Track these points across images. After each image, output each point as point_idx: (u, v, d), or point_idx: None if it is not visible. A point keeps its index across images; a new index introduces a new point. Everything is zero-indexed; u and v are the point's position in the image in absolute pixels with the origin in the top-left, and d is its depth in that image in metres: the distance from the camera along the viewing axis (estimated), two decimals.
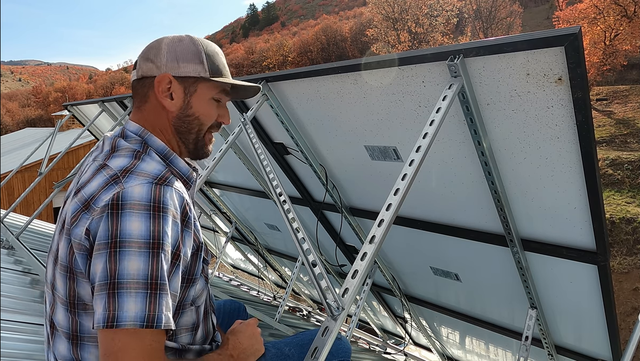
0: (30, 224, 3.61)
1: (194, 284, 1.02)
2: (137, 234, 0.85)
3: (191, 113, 1.08)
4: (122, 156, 0.97)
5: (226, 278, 6.59)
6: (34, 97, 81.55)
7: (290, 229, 1.44)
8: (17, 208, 5.07)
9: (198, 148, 1.12)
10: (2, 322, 1.97)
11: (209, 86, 1.08)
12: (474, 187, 2.12)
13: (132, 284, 0.83)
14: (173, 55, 1.06)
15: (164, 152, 1.05)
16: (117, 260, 0.83)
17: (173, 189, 0.93)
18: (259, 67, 58.18)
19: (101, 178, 0.93)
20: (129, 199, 0.87)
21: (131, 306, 0.82)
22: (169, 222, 0.89)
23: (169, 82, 1.05)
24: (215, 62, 1.09)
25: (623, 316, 9.65)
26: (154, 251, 0.85)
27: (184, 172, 1.08)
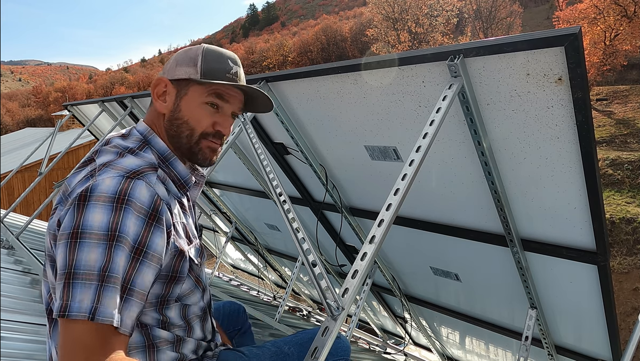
0: (30, 224, 3.61)
1: (179, 283, 1.02)
2: (97, 226, 0.85)
3: (180, 116, 1.06)
4: (108, 153, 0.99)
5: (226, 278, 6.59)
6: (34, 97, 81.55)
7: (290, 229, 1.44)
8: (17, 208, 5.08)
9: (193, 154, 1.09)
10: (2, 322, 1.97)
11: (200, 89, 1.06)
12: (474, 187, 2.12)
13: (86, 275, 0.83)
14: (175, 60, 1.09)
15: (164, 153, 1.06)
16: (76, 250, 0.84)
17: (144, 183, 0.92)
18: (259, 67, 58.19)
19: (83, 172, 0.95)
20: (96, 191, 0.87)
21: (82, 296, 0.81)
22: (130, 215, 0.87)
23: (164, 86, 1.07)
24: (215, 66, 1.06)
25: (623, 316, 9.65)
26: (110, 243, 0.85)
27: (182, 176, 1.08)
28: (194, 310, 1.09)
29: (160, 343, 1.01)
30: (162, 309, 1.01)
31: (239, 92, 1.12)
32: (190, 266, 1.04)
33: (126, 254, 0.86)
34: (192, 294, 1.08)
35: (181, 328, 1.06)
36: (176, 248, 0.98)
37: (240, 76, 1.12)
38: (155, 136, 1.07)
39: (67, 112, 5.39)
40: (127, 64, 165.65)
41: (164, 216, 0.94)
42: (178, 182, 1.08)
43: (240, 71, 1.12)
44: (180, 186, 1.08)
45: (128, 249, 0.87)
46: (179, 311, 1.05)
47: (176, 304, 1.04)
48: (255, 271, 5.88)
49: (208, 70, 1.05)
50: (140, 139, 1.05)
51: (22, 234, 3.47)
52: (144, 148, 1.03)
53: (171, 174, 1.06)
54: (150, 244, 0.90)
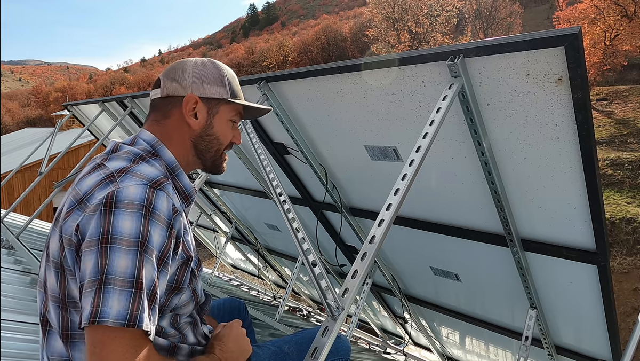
0: (30, 224, 3.61)
1: (180, 294, 1.03)
2: (127, 233, 0.86)
3: (212, 133, 1.14)
4: (120, 159, 1.00)
5: (226, 278, 6.59)
6: (34, 97, 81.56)
7: (290, 229, 1.44)
8: (17, 207, 5.07)
9: (215, 165, 1.19)
10: (2, 322, 1.97)
11: (229, 108, 1.15)
12: (474, 187, 2.12)
13: (118, 282, 0.83)
14: (198, 77, 1.13)
15: (172, 165, 1.09)
16: (107, 256, 0.84)
17: (165, 195, 0.95)
18: (259, 67, 58.18)
19: (97, 177, 0.95)
20: (123, 198, 0.88)
21: (115, 303, 0.82)
22: (157, 226, 0.90)
23: (195, 103, 1.11)
24: (234, 86, 1.16)
25: (623, 316, 9.65)
26: (140, 250, 0.86)
27: (186, 188, 1.11)
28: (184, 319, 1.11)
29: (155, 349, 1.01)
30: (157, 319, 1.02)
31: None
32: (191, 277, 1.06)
33: (153, 264, 0.88)
34: (187, 306, 1.09)
35: (174, 336, 1.07)
36: (183, 259, 1.00)
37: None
38: (164, 147, 1.09)
39: (67, 112, 5.39)
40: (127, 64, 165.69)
41: (177, 227, 0.96)
42: (182, 194, 1.10)
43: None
44: (184, 198, 1.10)
45: (155, 260, 0.89)
46: (170, 321, 1.06)
47: (169, 314, 1.05)
48: (255, 271, 5.88)
49: (232, 90, 1.15)
50: (147, 149, 1.06)
51: (22, 234, 3.48)
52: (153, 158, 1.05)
53: (177, 186, 1.08)
54: (169, 254, 0.93)
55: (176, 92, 1.10)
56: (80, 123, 5.61)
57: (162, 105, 1.12)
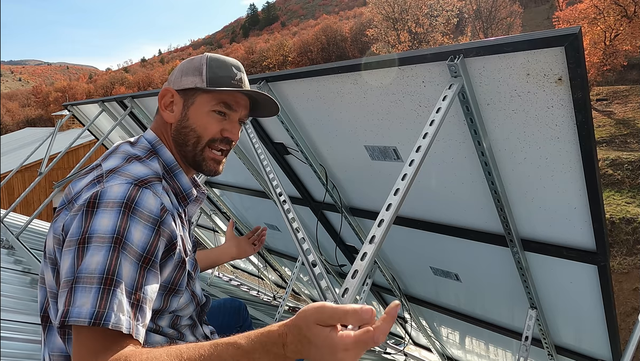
0: (30, 224, 3.61)
1: (178, 296, 1.02)
2: (103, 230, 0.83)
3: (188, 125, 1.08)
4: (115, 158, 0.99)
5: (226, 278, 6.59)
6: (34, 97, 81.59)
7: (290, 229, 1.44)
8: (17, 207, 5.07)
9: (197, 162, 1.10)
10: (2, 322, 1.97)
11: (207, 97, 1.08)
12: (474, 187, 2.12)
13: (88, 279, 0.80)
14: (180, 71, 1.10)
15: (170, 164, 1.07)
16: (84, 256, 0.82)
17: (151, 193, 0.92)
18: (259, 67, 58.19)
19: (90, 177, 0.95)
20: (105, 197, 0.87)
21: (84, 301, 0.78)
22: (138, 223, 0.87)
23: (171, 96, 1.09)
24: (220, 73, 1.08)
25: (623, 316, 9.65)
26: (115, 246, 0.83)
27: (184, 188, 1.09)
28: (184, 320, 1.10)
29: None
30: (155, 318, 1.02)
31: (245, 98, 1.13)
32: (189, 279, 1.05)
33: (133, 262, 0.84)
34: (187, 308, 1.08)
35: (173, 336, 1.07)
36: (179, 259, 0.98)
37: (245, 82, 1.13)
38: (163, 147, 1.08)
39: (67, 112, 5.39)
40: (127, 64, 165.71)
41: (168, 228, 0.94)
42: (180, 194, 1.08)
43: (244, 77, 1.13)
44: (181, 199, 1.08)
45: (135, 258, 0.85)
46: (170, 321, 1.05)
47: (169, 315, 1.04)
48: (255, 271, 5.88)
49: (213, 78, 1.07)
50: (148, 148, 1.06)
51: (22, 234, 3.47)
52: (151, 157, 1.04)
53: (174, 186, 1.07)
54: (157, 254, 0.90)
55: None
56: (80, 123, 5.60)
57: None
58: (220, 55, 1.13)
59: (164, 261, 0.94)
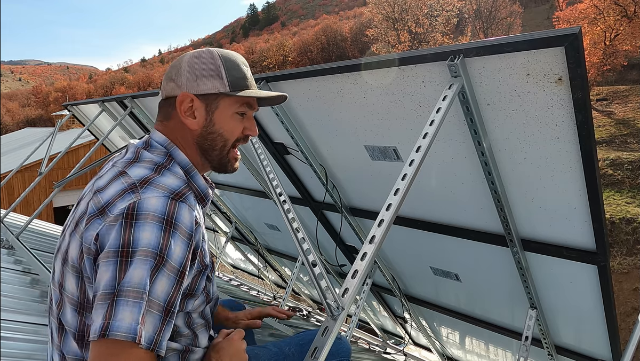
0: (30, 224, 3.60)
1: (193, 299, 1.03)
2: (146, 243, 0.84)
3: (214, 130, 1.07)
4: (142, 167, 0.97)
5: (226, 278, 6.58)
6: (34, 97, 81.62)
7: (290, 229, 1.44)
8: (17, 207, 5.07)
9: (223, 164, 1.12)
10: (2, 322, 1.97)
11: (231, 100, 1.06)
12: (474, 187, 2.12)
13: (131, 293, 0.81)
14: (192, 73, 1.05)
15: (186, 167, 1.05)
16: (127, 269, 0.83)
17: (187, 207, 0.93)
18: (259, 67, 58.19)
19: (119, 185, 0.93)
20: (144, 210, 0.87)
21: (126, 315, 0.80)
22: (177, 239, 0.89)
23: (190, 101, 1.05)
24: (236, 75, 1.06)
25: (623, 316, 9.65)
26: (157, 264, 0.84)
27: (202, 189, 1.08)
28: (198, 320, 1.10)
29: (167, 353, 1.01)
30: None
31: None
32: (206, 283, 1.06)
33: (171, 278, 0.87)
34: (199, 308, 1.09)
35: (188, 338, 1.06)
36: (199, 268, 0.99)
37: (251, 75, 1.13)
38: (176, 149, 1.06)
39: (67, 112, 5.39)
40: (127, 64, 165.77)
41: (197, 239, 0.95)
42: (199, 195, 1.07)
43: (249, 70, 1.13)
44: (200, 200, 1.07)
45: (173, 273, 0.87)
46: (184, 320, 1.05)
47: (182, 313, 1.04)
48: (255, 271, 5.88)
49: (234, 81, 1.05)
50: (165, 152, 1.04)
51: (22, 234, 3.47)
52: (172, 163, 1.03)
53: (193, 188, 1.05)
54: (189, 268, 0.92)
55: (173, 92, 1.06)
56: (80, 123, 5.61)
57: (164, 106, 1.09)
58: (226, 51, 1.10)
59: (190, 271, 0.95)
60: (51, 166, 4.18)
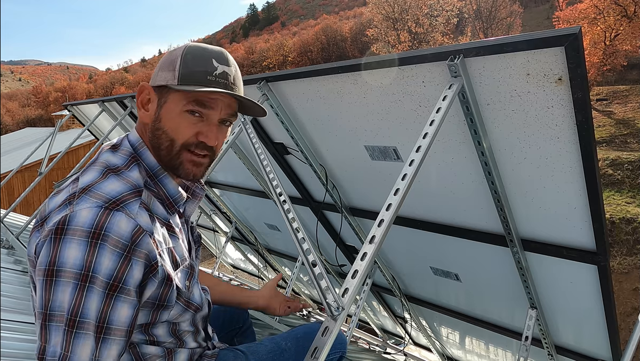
0: (30, 224, 3.61)
1: (167, 310, 0.97)
2: (71, 263, 0.80)
3: (160, 126, 0.97)
4: (93, 171, 0.92)
5: (226, 278, 6.58)
6: (34, 97, 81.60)
7: (290, 229, 1.44)
8: (17, 207, 5.07)
9: (173, 167, 0.99)
10: (2, 322, 1.97)
11: (178, 95, 0.95)
12: (474, 187, 2.12)
13: (59, 317, 0.80)
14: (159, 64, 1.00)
15: (154, 169, 0.99)
16: (52, 290, 0.80)
17: (123, 215, 0.85)
18: (259, 67, 58.19)
19: (65, 194, 0.89)
20: (73, 224, 0.82)
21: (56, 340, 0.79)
22: (105, 251, 0.82)
23: (147, 93, 0.99)
24: (194, 68, 0.94)
25: (623, 316, 9.65)
26: (81, 284, 0.80)
27: (171, 195, 1.01)
28: (184, 327, 1.06)
29: (149, 359, 0.99)
30: (149, 329, 0.98)
31: (227, 96, 0.98)
32: (178, 293, 0.98)
33: (99, 293, 0.81)
34: (182, 317, 1.03)
35: (172, 343, 1.03)
36: (163, 277, 0.92)
37: (231, 76, 0.99)
38: (146, 149, 0.99)
39: (67, 112, 5.39)
40: (127, 64, 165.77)
41: (145, 248, 0.87)
42: (166, 201, 1.00)
43: (231, 69, 0.99)
44: (168, 205, 1.01)
45: (101, 288, 0.82)
46: (168, 329, 1.01)
47: (164, 323, 1.00)
48: (255, 271, 5.88)
49: (187, 74, 0.94)
50: (130, 153, 0.97)
51: (22, 234, 3.48)
52: (132, 165, 0.95)
53: (160, 193, 0.99)
54: (127, 279, 0.84)
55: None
56: (80, 123, 5.61)
57: None
58: (204, 45, 0.99)
59: (145, 283, 0.89)
60: (51, 166, 4.18)
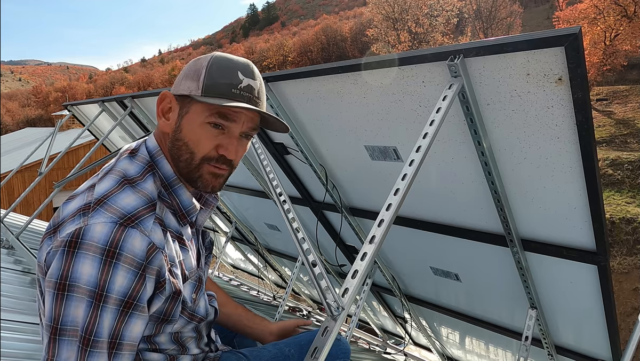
0: (30, 224, 3.61)
1: (171, 323, 0.98)
2: (85, 280, 0.80)
3: (180, 137, 0.96)
4: (110, 179, 0.91)
5: (226, 278, 6.59)
6: (34, 97, 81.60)
7: (290, 229, 1.44)
8: (17, 207, 5.07)
9: (192, 180, 0.99)
10: (2, 322, 1.97)
11: (201, 107, 0.94)
12: (474, 187, 2.12)
13: (72, 332, 0.80)
14: (184, 72, 0.98)
15: (169, 179, 0.98)
16: (63, 305, 0.80)
17: (139, 233, 0.85)
18: (259, 67, 57.51)
19: (80, 202, 0.88)
20: (87, 238, 0.81)
21: (68, 354, 0.79)
22: (120, 269, 0.82)
23: (169, 102, 0.98)
24: (219, 80, 0.93)
25: (623, 316, 9.65)
26: (95, 302, 0.80)
27: (184, 206, 1.00)
28: (187, 333, 1.06)
29: None
30: (151, 338, 0.98)
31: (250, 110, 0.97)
32: (183, 307, 0.98)
33: (113, 310, 0.82)
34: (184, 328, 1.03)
35: (174, 350, 1.03)
36: (171, 292, 0.92)
37: (256, 90, 0.98)
38: (163, 158, 0.98)
39: (67, 112, 5.39)
40: (127, 64, 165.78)
41: (157, 265, 0.87)
42: (179, 212, 1.00)
43: (256, 83, 0.99)
44: (181, 217, 1.00)
45: (115, 305, 0.82)
46: (170, 337, 1.01)
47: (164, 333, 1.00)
48: (255, 271, 5.88)
49: (211, 85, 0.92)
50: (146, 162, 0.96)
51: (22, 234, 3.47)
52: (147, 175, 0.94)
53: (173, 204, 0.99)
54: (142, 297, 0.85)
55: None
56: (80, 123, 5.61)
57: None
58: (230, 55, 0.97)
59: (152, 298, 0.89)
60: (51, 166, 4.18)
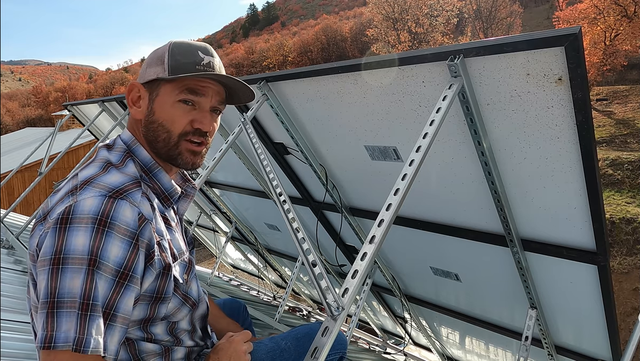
0: (30, 224, 3.61)
1: (165, 303, 0.98)
2: (80, 250, 0.81)
3: (154, 119, 1.01)
4: (93, 166, 0.95)
5: (226, 278, 6.59)
6: (34, 97, 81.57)
7: (290, 229, 1.44)
8: (17, 207, 5.07)
9: (172, 158, 1.03)
10: (2, 322, 1.97)
11: (170, 87, 1.00)
12: (474, 187, 2.12)
13: (70, 303, 0.80)
14: (146, 62, 1.05)
15: (148, 164, 1.02)
16: (59, 278, 0.81)
17: (128, 203, 0.88)
18: (259, 67, 58.20)
19: (66, 188, 0.91)
20: (78, 213, 0.84)
21: (68, 326, 0.79)
22: (114, 238, 0.84)
23: (137, 91, 1.03)
24: (182, 60, 1.00)
25: (623, 316, 9.65)
26: (89, 268, 0.81)
27: (165, 188, 1.04)
28: (182, 325, 1.07)
29: (147, 357, 0.99)
30: (147, 327, 0.99)
31: (216, 84, 1.04)
32: (175, 285, 1.00)
33: (108, 280, 0.83)
34: (179, 312, 1.04)
35: (169, 341, 1.04)
36: (161, 267, 0.94)
37: (215, 66, 1.04)
38: (139, 146, 1.02)
39: (67, 112, 5.39)
40: (127, 64, 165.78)
41: (146, 237, 0.90)
42: (162, 195, 1.03)
43: (215, 60, 1.05)
44: (164, 199, 1.04)
45: (110, 274, 0.83)
46: (165, 328, 1.02)
47: (162, 321, 1.01)
48: (255, 271, 5.88)
49: (176, 66, 0.99)
50: (123, 150, 1.01)
51: (22, 234, 3.48)
52: (127, 160, 0.99)
53: (155, 187, 1.02)
54: (136, 268, 0.87)
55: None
56: (80, 123, 5.61)
57: None
58: (187, 40, 1.05)
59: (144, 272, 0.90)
60: (51, 166, 4.18)
